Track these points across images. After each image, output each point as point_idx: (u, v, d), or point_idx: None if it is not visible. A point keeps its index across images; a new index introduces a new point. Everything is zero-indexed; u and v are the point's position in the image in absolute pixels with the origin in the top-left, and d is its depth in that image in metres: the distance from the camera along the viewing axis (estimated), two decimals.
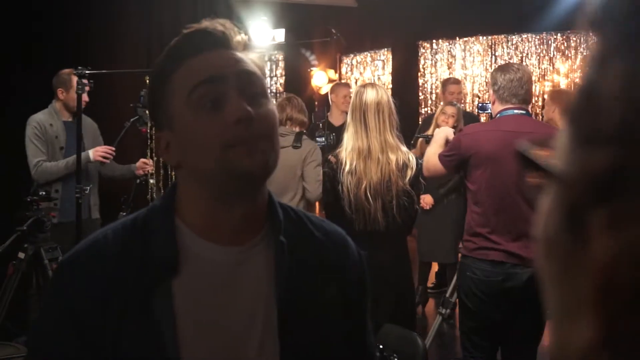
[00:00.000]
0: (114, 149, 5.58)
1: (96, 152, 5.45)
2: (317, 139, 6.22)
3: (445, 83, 7.81)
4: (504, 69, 4.15)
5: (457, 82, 8.10)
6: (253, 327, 1.39)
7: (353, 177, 3.72)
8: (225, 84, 1.32)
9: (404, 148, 3.87)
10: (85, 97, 5.39)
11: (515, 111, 4.00)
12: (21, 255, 4.77)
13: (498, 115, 4.08)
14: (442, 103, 7.17)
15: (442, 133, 4.48)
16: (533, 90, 11.98)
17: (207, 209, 1.39)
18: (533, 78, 11.86)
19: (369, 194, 3.69)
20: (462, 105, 7.71)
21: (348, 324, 1.52)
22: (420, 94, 12.81)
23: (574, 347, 0.45)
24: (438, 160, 4.19)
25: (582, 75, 0.51)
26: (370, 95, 3.80)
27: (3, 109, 6.31)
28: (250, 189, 1.38)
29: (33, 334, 1.50)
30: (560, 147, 0.50)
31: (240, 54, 1.39)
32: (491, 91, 4.14)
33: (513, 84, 3.99)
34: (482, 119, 7.83)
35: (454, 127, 6.15)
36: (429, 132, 6.43)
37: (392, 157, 3.73)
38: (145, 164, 5.76)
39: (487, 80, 12.32)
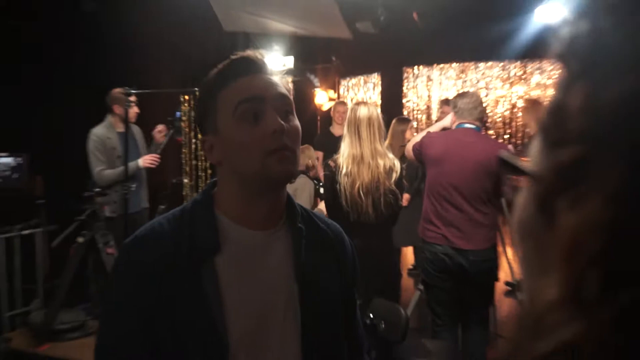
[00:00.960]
0: (159, 157, 5.59)
1: (145, 160, 5.47)
2: None
3: (442, 103, 7.95)
4: (461, 95, 4.35)
5: (447, 101, 8.21)
6: (278, 294, 1.44)
7: (349, 178, 3.74)
8: (263, 103, 1.37)
9: (391, 155, 3.89)
10: (136, 109, 5.46)
11: (466, 125, 4.14)
12: (80, 240, 4.71)
13: (454, 127, 4.24)
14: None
15: (444, 122, 4.61)
16: (494, 108, 12.07)
17: (243, 201, 1.43)
18: (495, 98, 11.98)
19: (361, 192, 3.73)
20: None
21: (344, 293, 1.58)
22: (404, 111, 12.79)
23: (543, 301, 0.46)
24: (413, 148, 4.33)
25: (550, 97, 0.52)
26: (363, 111, 3.83)
27: (70, 122, 6.31)
28: (276, 188, 1.44)
29: (105, 298, 1.52)
30: (533, 153, 0.52)
31: (274, 78, 1.44)
32: (452, 112, 4.28)
33: (468, 106, 4.15)
34: None
35: None
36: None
37: (381, 162, 3.76)
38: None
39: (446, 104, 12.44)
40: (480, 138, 4.19)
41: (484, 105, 4.33)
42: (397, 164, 3.86)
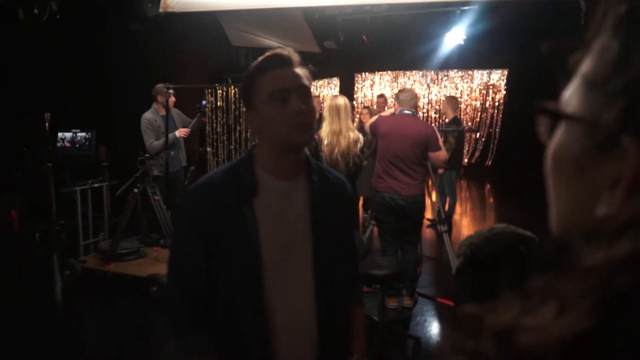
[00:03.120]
0: (189, 130, 5.48)
1: (180, 132, 5.33)
2: None
3: (379, 97, 8.00)
4: (402, 91, 4.42)
5: (382, 96, 8.33)
6: (298, 227, 1.40)
7: (329, 147, 3.68)
8: (290, 92, 1.32)
9: (356, 131, 3.84)
10: (173, 99, 5.35)
11: (405, 111, 4.17)
12: (135, 190, 4.75)
13: (397, 113, 4.26)
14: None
15: (390, 111, 4.61)
16: (419, 104, 12.17)
17: (274, 159, 1.39)
18: (417, 95, 12.09)
19: (339, 156, 3.66)
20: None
21: (346, 226, 1.54)
22: (355, 103, 12.71)
23: (598, 217, 0.37)
24: (370, 126, 4.35)
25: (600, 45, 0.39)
26: (340, 100, 3.77)
27: (125, 107, 6.19)
28: (298, 150, 1.39)
29: (174, 226, 1.50)
30: (577, 99, 0.40)
31: (298, 70, 1.37)
32: (396, 103, 4.30)
33: (407, 98, 4.19)
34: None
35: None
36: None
37: (351, 134, 3.69)
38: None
39: (393, 96, 12.48)
40: (415, 120, 4.20)
41: (416, 98, 4.30)
42: (361, 136, 3.82)
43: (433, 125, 5.60)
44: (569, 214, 0.42)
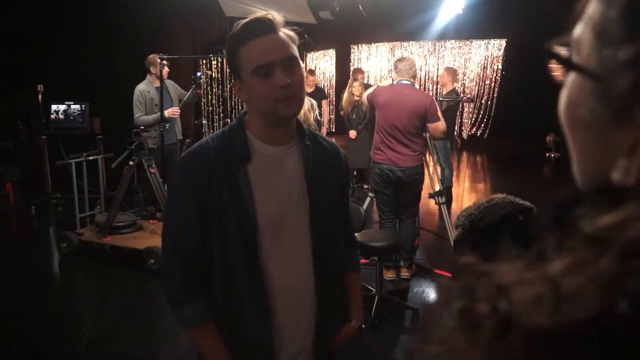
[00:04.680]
0: (178, 109, 5.45)
1: (168, 112, 5.29)
2: None
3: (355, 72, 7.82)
4: (400, 59, 4.24)
5: (360, 71, 8.10)
6: (292, 192, 1.39)
7: None
8: (274, 65, 1.27)
9: (312, 99, 3.57)
10: (167, 69, 5.29)
11: (404, 81, 4.09)
12: (131, 162, 4.71)
13: (395, 82, 4.17)
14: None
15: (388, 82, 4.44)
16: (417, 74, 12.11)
17: (264, 127, 1.36)
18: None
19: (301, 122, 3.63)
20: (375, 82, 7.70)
21: (340, 190, 1.52)
22: (351, 75, 12.71)
23: (612, 183, 0.36)
24: (367, 97, 4.27)
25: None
26: None
27: (118, 79, 6.11)
28: (286, 121, 1.35)
29: (168, 195, 1.47)
30: (587, 48, 0.39)
31: (283, 36, 1.30)
32: (394, 72, 4.20)
33: (405, 67, 4.09)
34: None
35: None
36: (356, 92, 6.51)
37: (307, 102, 3.64)
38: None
39: (389, 69, 12.36)
40: (413, 91, 4.11)
41: (415, 67, 4.22)
42: (315, 104, 3.65)
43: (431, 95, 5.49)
44: (586, 171, 0.42)
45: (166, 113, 5.27)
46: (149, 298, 4.04)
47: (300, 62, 1.36)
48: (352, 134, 6.66)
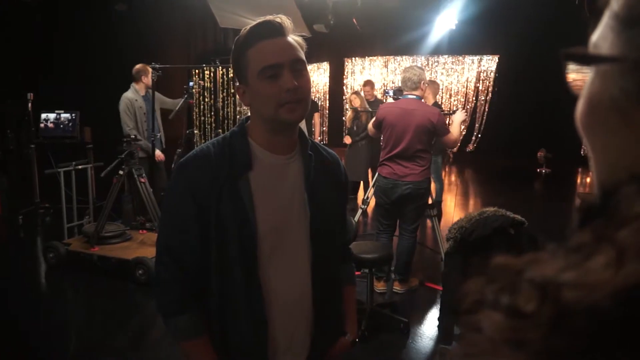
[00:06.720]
0: (163, 157, 5.53)
1: (157, 156, 5.39)
2: None
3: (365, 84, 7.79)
4: (406, 69, 4.14)
5: (369, 83, 8.06)
6: (293, 202, 1.38)
7: None
8: (282, 67, 1.26)
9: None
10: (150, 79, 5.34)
11: (409, 96, 4.03)
12: (120, 172, 4.69)
13: (401, 97, 4.12)
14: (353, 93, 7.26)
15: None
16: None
17: (266, 134, 1.35)
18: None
19: None
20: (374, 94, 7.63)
21: (339, 200, 1.52)
22: (345, 89, 12.82)
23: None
24: (374, 124, 4.22)
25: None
26: None
27: (107, 88, 6.10)
28: (290, 128, 1.35)
29: (165, 201, 1.44)
30: (611, 40, 0.38)
31: (291, 40, 1.30)
32: (400, 83, 4.15)
33: (412, 78, 4.01)
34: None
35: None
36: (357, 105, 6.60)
37: None
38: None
39: (384, 82, 12.46)
40: (420, 105, 4.03)
41: (423, 77, 4.05)
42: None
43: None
44: (619, 161, 0.40)
45: (156, 158, 5.35)
46: (137, 309, 4.01)
47: (308, 67, 1.35)
48: (347, 140, 6.92)
